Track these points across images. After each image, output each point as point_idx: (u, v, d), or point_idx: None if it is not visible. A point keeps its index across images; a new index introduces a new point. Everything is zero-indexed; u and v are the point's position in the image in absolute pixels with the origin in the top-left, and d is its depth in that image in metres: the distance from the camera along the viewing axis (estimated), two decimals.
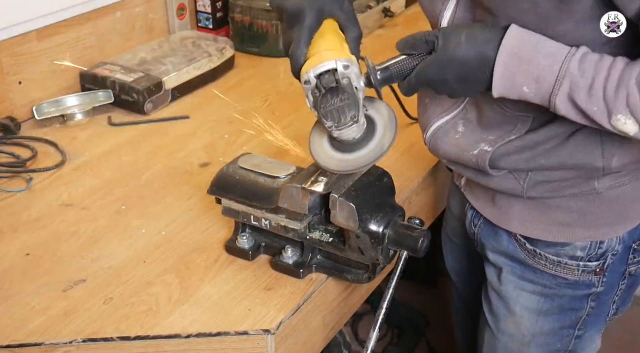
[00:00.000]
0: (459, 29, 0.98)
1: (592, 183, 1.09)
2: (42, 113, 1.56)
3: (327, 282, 1.14)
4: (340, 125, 0.97)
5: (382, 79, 1.00)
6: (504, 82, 0.94)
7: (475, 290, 1.49)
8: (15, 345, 1.01)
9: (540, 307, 1.23)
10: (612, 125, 0.91)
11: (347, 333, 2.22)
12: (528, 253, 1.19)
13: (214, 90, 1.74)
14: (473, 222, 1.28)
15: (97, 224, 1.25)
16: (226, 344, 1.03)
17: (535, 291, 1.22)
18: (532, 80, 0.93)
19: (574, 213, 1.13)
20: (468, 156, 1.12)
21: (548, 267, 1.19)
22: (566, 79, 0.91)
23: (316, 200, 1.09)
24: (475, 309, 1.52)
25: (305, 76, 0.98)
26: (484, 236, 1.26)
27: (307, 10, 0.98)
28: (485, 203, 1.23)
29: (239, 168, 1.15)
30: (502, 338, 1.29)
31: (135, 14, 1.79)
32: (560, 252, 1.17)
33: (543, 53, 0.92)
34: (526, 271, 1.22)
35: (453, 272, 1.51)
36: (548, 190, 1.11)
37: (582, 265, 1.16)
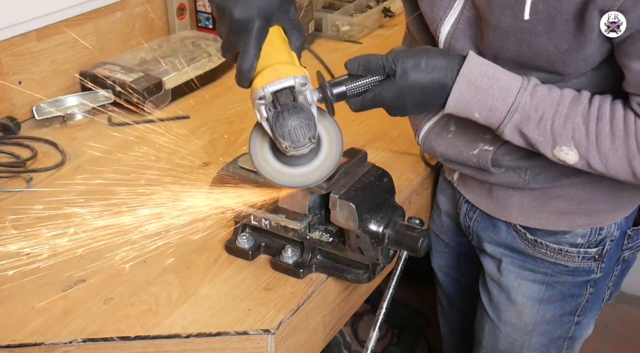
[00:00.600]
0: (417, 53, 0.98)
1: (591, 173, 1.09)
2: (42, 113, 1.56)
3: (327, 282, 1.14)
4: (297, 146, 0.93)
5: (336, 94, 0.99)
6: (456, 106, 0.99)
7: (462, 286, 1.50)
8: (15, 345, 1.01)
9: (541, 295, 1.25)
10: (554, 154, 0.98)
11: (347, 333, 2.21)
12: (528, 243, 1.21)
13: (214, 90, 1.74)
14: (468, 216, 1.29)
15: (97, 224, 1.25)
16: (226, 344, 1.03)
17: (536, 280, 1.24)
18: (486, 109, 0.98)
19: (573, 201, 1.15)
20: (468, 156, 1.13)
21: (549, 255, 1.20)
22: (517, 113, 0.97)
23: (316, 200, 1.09)
24: (461, 306, 1.53)
25: (260, 92, 0.92)
26: (481, 229, 1.27)
27: (255, 18, 0.93)
28: (482, 196, 1.24)
29: (239, 168, 1.15)
30: (505, 328, 1.30)
31: (135, 14, 1.79)
32: (560, 240, 1.19)
33: (498, 85, 0.97)
34: (526, 260, 1.23)
35: (440, 270, 1.52)
36: (548, 180, 1.13)
37: (583, 252, 1.19)
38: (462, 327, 1.57)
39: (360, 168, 1.10)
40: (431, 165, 1.41)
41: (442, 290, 1.55)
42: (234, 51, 0.95)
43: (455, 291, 1.53)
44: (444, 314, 1.60)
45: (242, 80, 0.96)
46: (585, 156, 0.97)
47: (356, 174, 1.08)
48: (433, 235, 1.47)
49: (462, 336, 1.58)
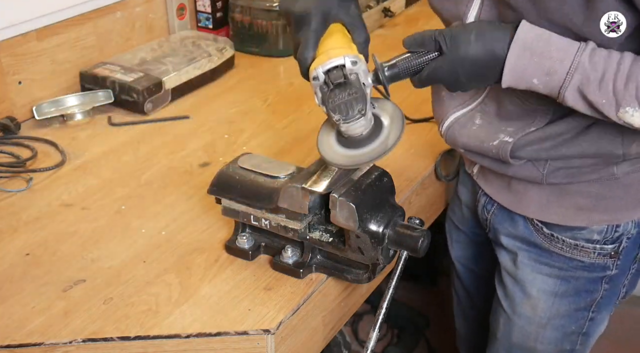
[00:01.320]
0: (467, 27, 0.99)
1: (611, 169, 1.11)
2: (42, 113, 1.56)
3: (327, 282, 1.14)
4: (348, 119, 0.97)
5: (389, 76, 1.01)
6: (514, 75, 0.97)
7: (479, 278, 1.50)
8: (15, 345, 1.01)
9: (556, 289, 1.25)
10: (619, 116, 0.94)
11: (347, 333, 2.22)
12: (545, 237, 1.21)
13: (214, 90, 1.74)
14: (486, 208, 1.30)
15: (97, 224, 1.25)
16: (226, 344, 1.03)
17: (551, 274, 1.24)
18: (543, 73, 0.95)
19: (591, 198, 1.15)
20: (488, 147, 1.13)
21: (565, 250, 1.21)
22: (577, 73, 0.93)
23: (316, 200, 1.09)
24: (478, 298, 1.53)
25: (313, 73, 0.98)
26: (498, 221, 1.28)
27: (313, 13, 1.00)
28: (500, 189, 1.24)
29: (239, 168, 1.15)
30: (519, 321, 1.30)
31: (135, 14, 1.79)
32: (577, 236, 1.19)
33: (555, 47, 0.95)
34: (542, 254, 1.24)
35: (458, 261, 1.52)
36: (567, 176, 1.13)
37: (599, 248, 1.19)
38: (478, 320, 1.57)
39: (360, 168, 1.10)
40: (444, 178, 1.42)
41: (459, 282, 1.56)
42: (297, 47, 1.01)
43: (472, 283, 1.53)
44: (460, 307, 1.60)
45: (301, 70, 1.01)
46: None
47: (356, 174, 1.08)
48: (453, 227, 1.48)
49: (477, 329, 1.59)
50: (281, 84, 1.79)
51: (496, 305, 1.35)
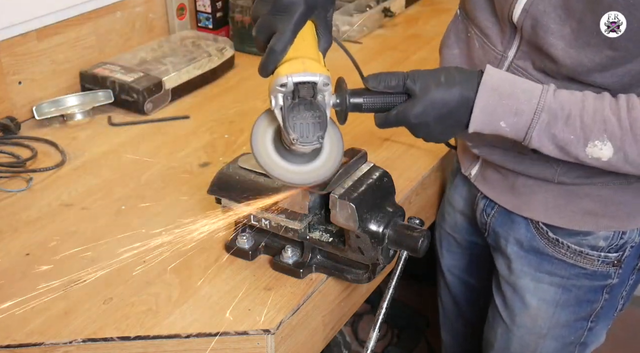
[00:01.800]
0: (435, 71, 0.99)
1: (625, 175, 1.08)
2: (42, 113, 1.56)
3: (327, 282, 1.14)
4: (304, 142, 0.92)
5: (352, 105, 0.99)
6: (482, 118, 0.97)
7: (470, 289, 1.48)
8: (15, 345, 1.01)
9: (557, 299, 1.24)
10: (587, 152, 0.95)
11: (347, 333, 2.22)
12: (549, 242, 1.20)
13: (214, 90, 1.74)
14: (485, 212, 1.28)
15: (97, 224, 1.25)
16: (226, 344, 1.03)
17: (552, 282, 1.23)
18: (512, 113, 0.96)
19: (601, 202, 1.13)
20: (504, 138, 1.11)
21: (568, 256, 1.19)
22: (544, 112, 0.95)
23: (316, 200, 1.09)
24: (466, 309, 1.51)
25: (283, 79, 0.92)
26: (498, 225, 1.26)
27: (299, 3, 0.93)
28: (503, 191, 1.22)
29: (239, 168, 1.15)
30: (518, 332, 1.29)
31: (135, 14, 1.79)
32: (582, 242, 1.17)
33: (520, 88, 0.96)
34: (543, 262, 1.22)
35: (449, 271, 1.50)
36: (581, 176, 1.11)
37: (603, 255, 1.18)
38: (465, 333, 1.55)
39: (360, 168, 1.10)
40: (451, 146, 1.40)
41: (448, 293, 1.53)
42: (270, 32, 0.94)
43: (462, 294, 1.51)
44: (447, 318, 1.58)
45: (269, 62, 0.94)
46: (621, 147, 0.94)
47: (356, 174, 1.08)
48: (444, 234, 1.46)
49: (464, 343, 1.57)
50: None
51: (493, 315, 1.34)
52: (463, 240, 1.42)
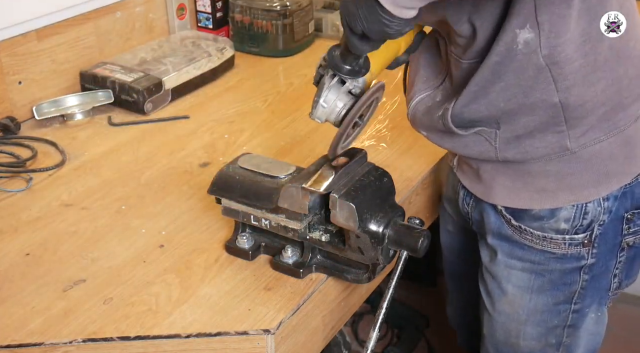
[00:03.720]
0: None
1: (563, 143, 1.08)
2: (42, 113, 1.56)
3: (327, 282, 1.14)
4: (311, 111, 1.07)
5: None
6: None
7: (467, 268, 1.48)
8: (15, 345, 1.01)
9: (531, 285, 1.23)
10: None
11: (347, 333, 2.21)
12: (514, 229, 1.20)
13: (214, 90, 1.74)
14: (465, 201, 1.29)
15: (97, 224, 1.25)
16: (226, 344, 1.03)
17: (524, 268, 1.23)
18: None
19: (553, 176, 1.13)
20: (435, 119, 1.13)
21: (535, 242, 1.19)
22: None
23: (316, 200, 1.09)
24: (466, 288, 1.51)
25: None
26: (476, 214, 1.27)
27: None
28: (472, 179, 1.24)
29: (239, 168, 1.15)
30: (499, 318, 1.29)
31: (135, 14, 1.79)
32: (544, 226, 1.17)
33: None
34: (514, 248, 1.22)
35: (446, 248, 1.51)
36: (521, 152, 1.11)
37: (569, 238, 1.17)
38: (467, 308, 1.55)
39: (360, 168, 1.10)
40: None
41: (448, 269, 1.55)
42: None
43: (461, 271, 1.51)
44: (451, 294, 1.60)
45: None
46: None
47: (356, 174, 1.08)
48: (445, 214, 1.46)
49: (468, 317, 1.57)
50: (281, 84, 1.79)
51: (481, 302, 1.34)
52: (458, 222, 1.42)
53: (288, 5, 1.88)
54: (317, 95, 1.05)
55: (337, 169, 1.07)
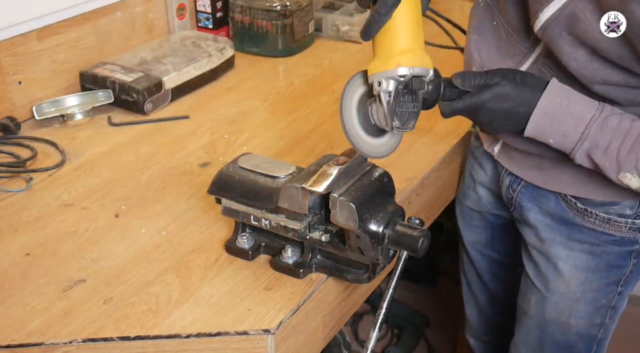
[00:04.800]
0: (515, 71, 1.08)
1: None
2: (42, 113, 1.56)
3: (327, 282, 1.14)
4: (402, 127, 1.00)
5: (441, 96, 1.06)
6: (534, 133, 1.08)
7: (496, 263, 1.53)
8: (15, 345, 1.01)
9: (589, 265, 1.29)
10: (619, 179, 1.07)
11: (347, 333, 2.22)
12: (578, 212, 1.25)
13: (214, 90, 1.74)
14: (511, 188, 1.32)
15: (97, 224, 1.25)
16: (226, 344, 1.03)
17: (583, 250, 1.28)
18: (559, 136, 1.07)
19: None
20: None
21: (597, 225, 1.25)
22: (587, 140, 1.06)
23: (316, 200, 1.09)
24: (492, 283, 1.56)
25: (405, 70, 0.97)
26: (526, 199, 1.31)
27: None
28: (530, 168, 1.27)
29: (239, 168, 1.15)
30: (552, 298, 1.34)
31: (135, 14, 1.79)
32: (610, 210, 1.23)
33: (572, 115, 1.05)
34: (573, 231, 1.27)
35: (472, 246, 1.54)
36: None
37: (630, 222, 1.23)
38: (490, 307, 1.59)
39: (360, 168, 1.10)
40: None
41: (472, 268, 1.57)
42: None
43: (487, 268, 1.55)
44: (471, 294, 1.62)
45: (372, 26, 0.97)
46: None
47: (356, 174, 1.08)
48: (466, 210, 1.50)
49: (491, 317, 1.60)
50: (281, 84, 1.79)
51: (526, 284, 1.38)
52: (487, 215, 1.47)
53: (288, 5, 1.88)
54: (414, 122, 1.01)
55: (337, 168, 1.07)
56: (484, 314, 1.61)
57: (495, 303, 1.57)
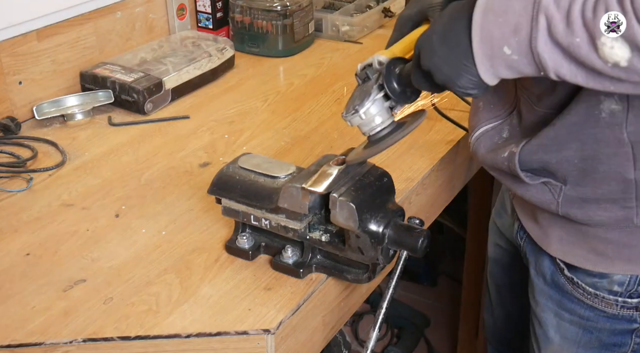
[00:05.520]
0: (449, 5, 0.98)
1: (630, 217, 1.04)
2: (42, 113, 1.56)
3: (327, 282, 1.14)
4: (346, 114, 1.02)
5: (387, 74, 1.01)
6: (483, 48, 0.87)
7: (512, 285, 1.46)
8: (15, 345, 1.01)
9: (579, 339, 1.19)
10: (601, 56, 0.80)
11: (347, 333, 2.22)
12: (567, 279, 1.16)
13: (214, 90, 1.74)
14: (519, 235, 1.27)
15: (97, 224, 1.25)
16: (226, 344, 1.03)
17: (573, 321, 1.18)
18: (511, 32, 0.84)
19: (613, 245, 1.09)
20: (501, 159, 1.10)
21: (586, 297, 1.15)
22: (541, 15, 0.82)
23: (316, 200, 1.09)
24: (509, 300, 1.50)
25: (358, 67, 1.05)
26: (529, 251, 1.24)
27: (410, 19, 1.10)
28: (529, 219, 1.20)
29: (239, 168, 1.15)
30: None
31: (135, 14, 1.79)
32: (597, 285, 1.13)
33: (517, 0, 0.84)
34: (564, 298, 1.18)
35: (494, 261, 1.49)
36: (583, 215, 1.07)
37: (621, 301, 1.13)
38: (504, 319, 1.54)
39: (360, 168, 1.10)
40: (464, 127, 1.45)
41: (493, 281, 1.53)
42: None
43: (505, 285, 1.49)
44: (489, 302, 1.56)
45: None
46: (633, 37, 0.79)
47: (356, 174, 1.08)
48: (495, 228, 1.44)
49: (504, 327, 1.55)
50: (281, 84, 1.79)
51: (530, 343, 1.31)
52: (509, 242, 1.39)
53: (288, 5, 1.88)
54: (359, 103, 1.00)
55: (337, 168, 1.07)
56: (499, 326, 1.56)
57: (510, 319, 1.51)
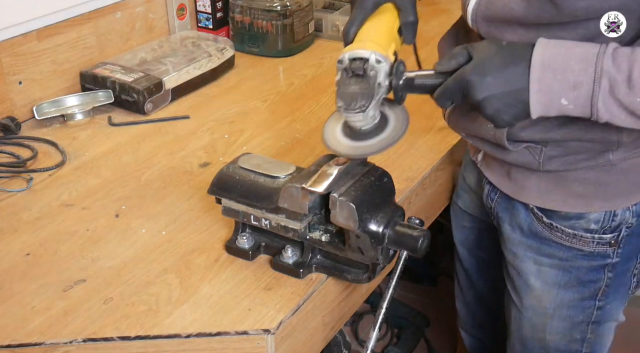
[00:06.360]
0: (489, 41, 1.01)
1: (606, 156, 1.11)
2: (43, 113, 1.56)
3: (327, 282, 1.14)
4: (348, 109, 1.01)
5: (403, 84, 1.03)
6: (541, 98, 0.94)
7: (481, 262, 1.52)
8: (15, 345, 1.01)
9: (558, 280, 1.26)
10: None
11: (347, 333, 2.22)
12: (545, 226, 1.22)
13: (214, 90, 1.74)
14: (490, 197, 1.31)
15: (97, 224, 1.25)
16: (226, 344, 1.03)
17: (552, 264, 1.25)
18: (570, 88, 0.92)
19: (590, 184, 1.15)
20: (486, 129, 1.14)
21: (564, 239, 1.21)
22: (604, 78, 0.90)
23: (316, 200, 1.09)
24: (477, 280, 1.55)
25: (341, 56, 1.04)
26: (502, 209, 1.29)
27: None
28: (501, 177, 1.25)
29: (239, 168, 1.15)
30: (526, 313, 1.32)
31: (135, 14, 1.79)
32: (575, 225, 1.19)
33: (575, 59, 0.92)
34: (542, 245, 1.24)
35: (461, 244, 1.54)
36: (564, 164, 1.13)
37: (597, 237, 1.19)
38: (476, 304, 1.59)
39: (360, 168, 1.10)
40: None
41: (461, 266, 1.57)
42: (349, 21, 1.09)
43: (473, 266, 1.55)
44: (460, 290, 1.62)
45: (344, 44, 1.08)
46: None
47: (356, 174, 1.08)
48: (458, 210, 1.49)
49: (477, 313, 1.61)
50: (281, 84, 1.79)
51: (507, 299, 1.37)
52: (475, 217, 1.46)
53: (288, 5, 1.88)
54: (365, 103, 1.00)
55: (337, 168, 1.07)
56: (471, 310, 1.62)
57: (482, 301, 1.57)
